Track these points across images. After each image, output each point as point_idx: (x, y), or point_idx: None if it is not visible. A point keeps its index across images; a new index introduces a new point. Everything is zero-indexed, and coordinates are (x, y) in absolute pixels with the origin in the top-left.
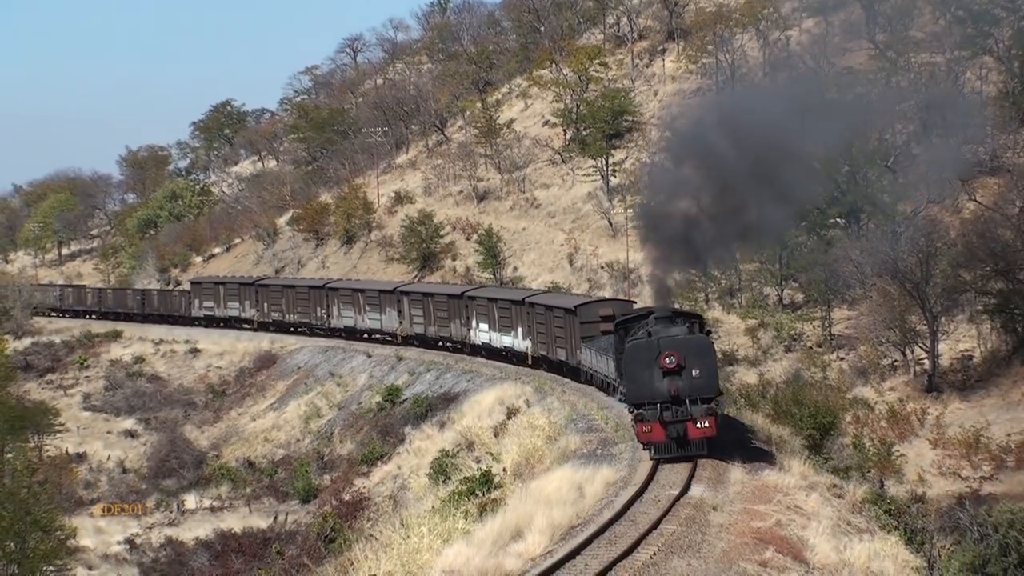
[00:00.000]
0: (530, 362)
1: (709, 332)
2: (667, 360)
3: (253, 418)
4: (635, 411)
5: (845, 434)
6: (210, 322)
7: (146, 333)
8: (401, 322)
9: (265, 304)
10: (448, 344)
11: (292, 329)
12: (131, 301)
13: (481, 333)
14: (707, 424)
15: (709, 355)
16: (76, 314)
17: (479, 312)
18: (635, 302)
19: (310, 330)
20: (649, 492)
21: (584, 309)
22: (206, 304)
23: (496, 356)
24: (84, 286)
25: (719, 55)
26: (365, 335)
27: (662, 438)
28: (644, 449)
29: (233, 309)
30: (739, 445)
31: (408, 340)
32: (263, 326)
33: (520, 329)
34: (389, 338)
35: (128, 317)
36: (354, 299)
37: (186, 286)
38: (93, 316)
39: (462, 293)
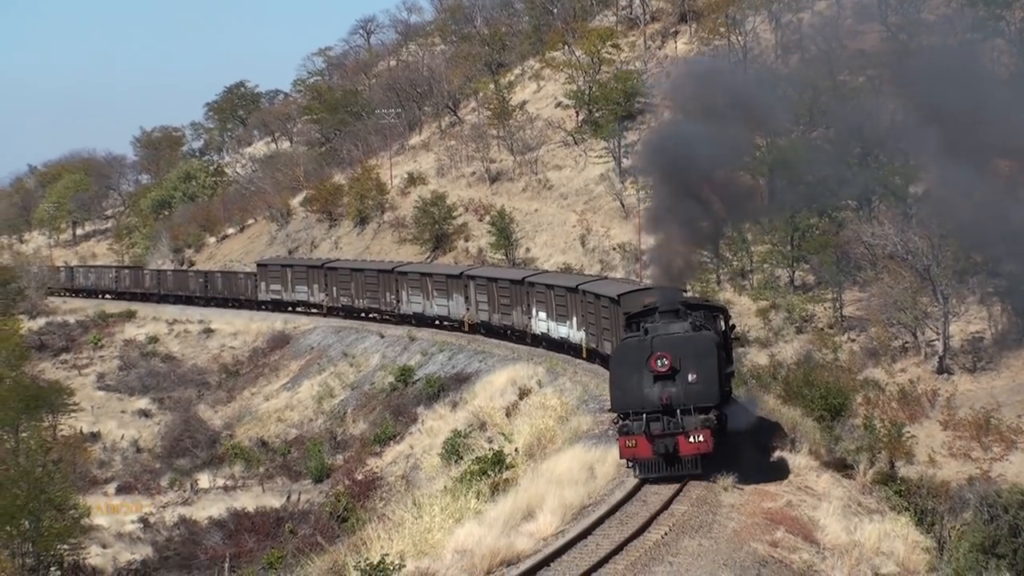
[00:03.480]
0: (584, 355)
1: (733, 328)
2: (658, 362)
3: (266, 398)
4: (619, 422)
5: (856, 415)
6: (277, 307)
7: (160, 313)
8: (468, 308)
9: (334, 288)
10: (512, 333)
11: (363, 315)
12: (193, 284)
13: (540, 322)
14: (701, 439)
15: (710, 356)
16: (133, 296)
17: (538, 299)
18: (687, 290)
19: (380, 316)
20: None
21: (628, 298)
22: (273, 288)
23: (556, 348)
24: (142, 267)
25: (731, 37)
26: (436, 322)
27: (648, 454)
28: (628, 467)
29: (301, 293)
30: (750, 426)
31: (475, 328)
32: (332, 311)
33: (575, 319)
34: (456, 325)
35: (189, 300)
36: (422, 284)
37: (252, 268)
38: (152, 299)
39: (523, 278)
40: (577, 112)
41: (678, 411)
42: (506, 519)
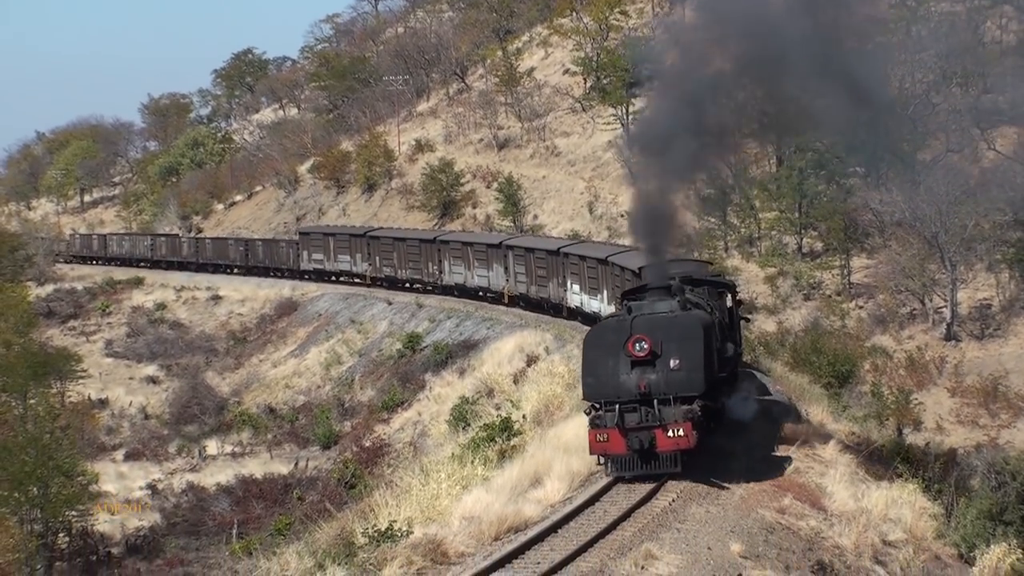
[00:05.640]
0: None
1: (740, 304)
2: (636, 346)
3: (274, 365)
4: (590, 412)
5: (864, 382)
6: (319, 276)
7: (168, 280)
8: (508, 280)
9: (377, 258)
10: (549, 306)
11: (406, 286)
12: (233, 252)
13: (574, 295)
14: (681, 432)
15: (695, 339)
16: (170, 265)
17: (572, 271)
18: (711, 263)
19: (423, 287)
20: None
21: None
22: (315, 257)
23: (591, 323)
24: (178, 235)
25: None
26: (480, 293)
27: (621, 450)
28: (599, 464)
29: (343, 263)
30: (757, 394)
31: (514, 301)
32: (375, 281)
33: (605, 292)
34: (497, 297)
35: (228, 269)
36: (464, 253)
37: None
38: (190, 268)
39: (558, 249)
40: (585, 79)
41: (655, 401)
42: (513, 486)
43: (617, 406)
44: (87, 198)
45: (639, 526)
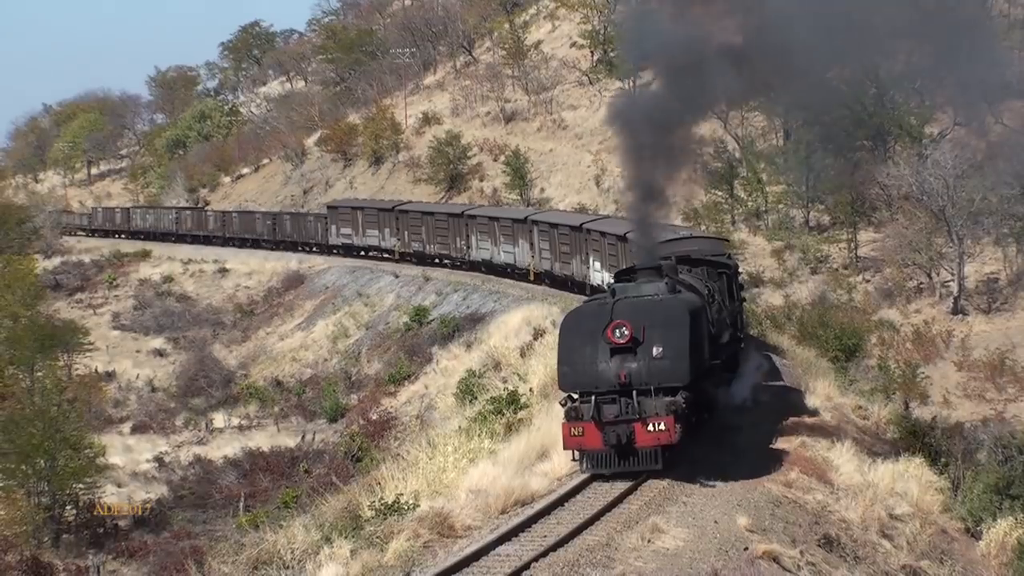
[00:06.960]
0: None
1: (741, 288)
2: (616, 332)
3: (281, 337)
4: (566, 404)
5: (871, 356)
6: (348, 251)
7: (175, 253)
8: (533, 256)
9: (406, 232)
10: (573, 284)
11: (434, 262)
12: (260, 226)
13: (596, 272)
14: (663, 426)
15: (680, 325)
16: (196, 239)
17: (593, 248)
18: (727, 239)
19: (451, 263)
20: None
21: (661, 248)
22: (343, 231)
23: None
24: (204, 208)
25: None
26: (507, 270)
27: (598, 444)
28: (573, 460)
29: (372, 237)
30: (763, 376)
31: (540, 278)
32: (404, 257)
33: None
34: (524, 274)
35: (256, 244)
36: (490, 229)
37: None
38: (216, 242)
39: (580, 224)
40: (592, 52)
41: (634, 393)
42: (520, 459)
43: (594, 397)
44: (94, 171)
45: (646, 499)
